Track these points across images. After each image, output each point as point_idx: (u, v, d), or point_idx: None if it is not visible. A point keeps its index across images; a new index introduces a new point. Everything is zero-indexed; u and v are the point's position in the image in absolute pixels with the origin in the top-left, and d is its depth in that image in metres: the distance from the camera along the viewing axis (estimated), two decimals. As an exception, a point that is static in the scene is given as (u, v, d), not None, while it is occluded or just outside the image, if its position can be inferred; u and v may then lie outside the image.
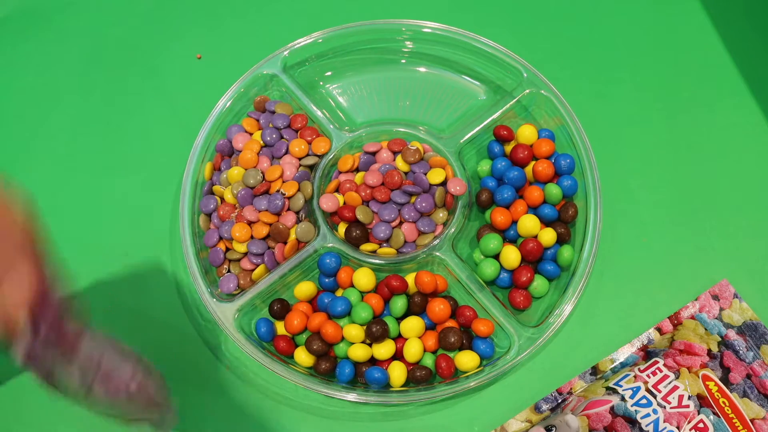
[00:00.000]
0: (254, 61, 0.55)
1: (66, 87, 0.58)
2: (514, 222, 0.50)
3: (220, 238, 0.51)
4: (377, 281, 0.49)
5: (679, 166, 0.55)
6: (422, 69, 0.58)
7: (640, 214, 0.53)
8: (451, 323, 0.48)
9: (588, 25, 0.60)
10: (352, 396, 0.46)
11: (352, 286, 0.48)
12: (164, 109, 0.57)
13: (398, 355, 0.47)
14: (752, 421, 0.43)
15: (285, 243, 0.50)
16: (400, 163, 0.52)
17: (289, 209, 0.51)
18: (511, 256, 0.48)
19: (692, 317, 0.49)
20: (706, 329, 0.48)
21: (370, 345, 0.47)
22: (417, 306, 0.48)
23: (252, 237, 0.50)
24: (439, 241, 0.50)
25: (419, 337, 0.47)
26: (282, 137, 0.53)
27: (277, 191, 0.51)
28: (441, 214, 0.51)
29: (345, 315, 0.47)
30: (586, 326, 0.49)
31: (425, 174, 0.51)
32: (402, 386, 0.46)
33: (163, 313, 0.50)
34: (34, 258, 0.32)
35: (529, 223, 0.49)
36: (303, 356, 0.47)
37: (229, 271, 0.50)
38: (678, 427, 0.42)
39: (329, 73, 0.57)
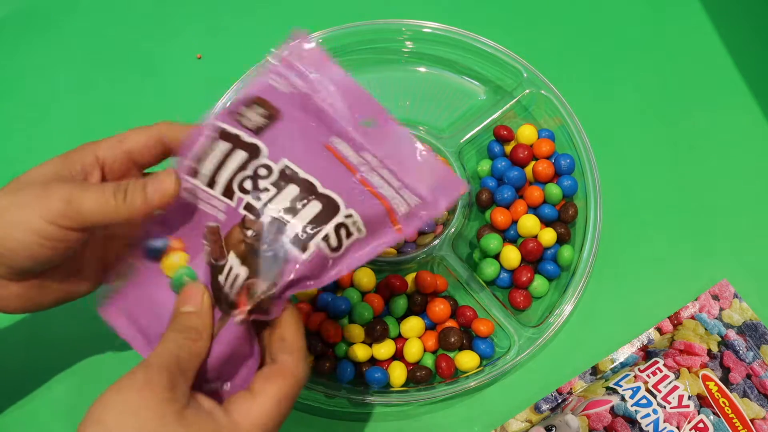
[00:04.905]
0: (254, 61, 0.55)
1: (66, 87, 0.58)
2: (514, 222, 0.50)
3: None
4: (377, 281, 0.49)
5: (679, 166, 0.55)
6: (422, 69, 0.58)
7: (640, 214, 0.53)
8: (451, 323, 0.48)
9: (588, 25, 0.60)
10: (352, 396, 0.46)
11: (353, 285, 0.48)
12: (164, 109, 0.57)
13: (398, 355, 0.47)
14: (752, 421, 0.43)
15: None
16: (400, 163, 0.52)
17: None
18: (511, 256, 0.48)
19: (692, 317, 0.49)
20: (706, 329, 0.48)
21: (370, 345, 0.47)
22: (417, 306, 0.48)
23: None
24: (439, 241, 0.50)
25: (419, 337, 0.47)
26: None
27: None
28: (441, 214, 0.51)
29: (345, 315, 0.47)
30: (586, 326, 0.49)
31: (425, 174, 0.51)
32: (402, 386, 0.46)
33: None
34: None
35: (529, 223, 0.49)
36: (303, 356, 0.47)
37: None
38: (678, 427, 0.42)
39: (329, 73, 0.57)
